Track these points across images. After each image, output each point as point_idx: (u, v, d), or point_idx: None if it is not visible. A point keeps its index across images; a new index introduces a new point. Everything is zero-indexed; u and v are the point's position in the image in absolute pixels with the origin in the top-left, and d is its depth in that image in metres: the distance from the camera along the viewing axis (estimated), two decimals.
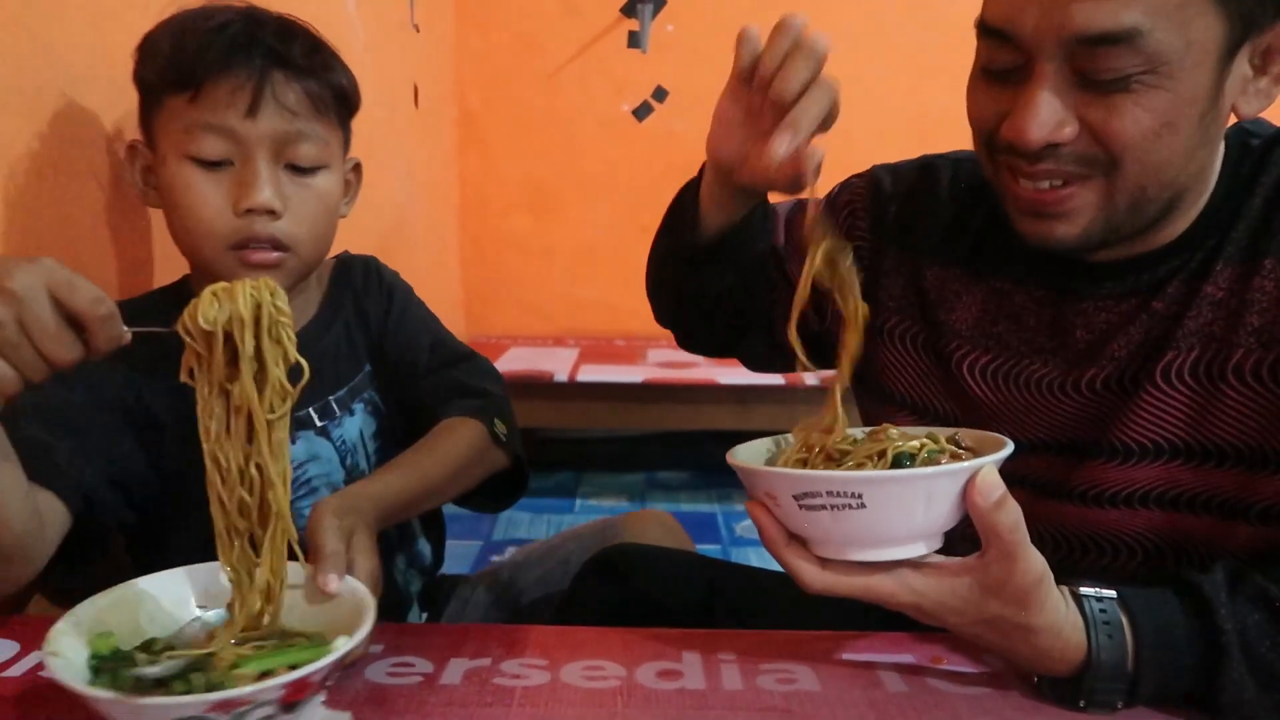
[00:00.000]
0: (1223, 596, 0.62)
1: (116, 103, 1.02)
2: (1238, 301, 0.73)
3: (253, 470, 0.65)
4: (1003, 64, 0.71)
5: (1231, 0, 0.65)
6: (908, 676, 0.69)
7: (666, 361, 2.85)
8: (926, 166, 0.93)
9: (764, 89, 0.69)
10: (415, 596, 1.07)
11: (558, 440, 3.24)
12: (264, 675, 0.59)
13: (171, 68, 0.84)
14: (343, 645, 0.60)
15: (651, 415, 2.74)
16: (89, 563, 0.83)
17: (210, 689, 0.57)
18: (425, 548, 1.09)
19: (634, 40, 3.15)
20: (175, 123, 0.85)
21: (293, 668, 0.57)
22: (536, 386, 2.64)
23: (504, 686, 0.67)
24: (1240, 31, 0.67)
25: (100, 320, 0.61)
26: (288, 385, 0.65)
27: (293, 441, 0.88)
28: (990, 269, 0.85)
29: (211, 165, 0.85)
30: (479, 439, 0.96)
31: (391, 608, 1.03)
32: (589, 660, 0.71)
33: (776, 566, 1.04)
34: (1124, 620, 0.63)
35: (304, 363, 0.66)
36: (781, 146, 0.67)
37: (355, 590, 0.67)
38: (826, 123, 0.69)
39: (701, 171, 0.87)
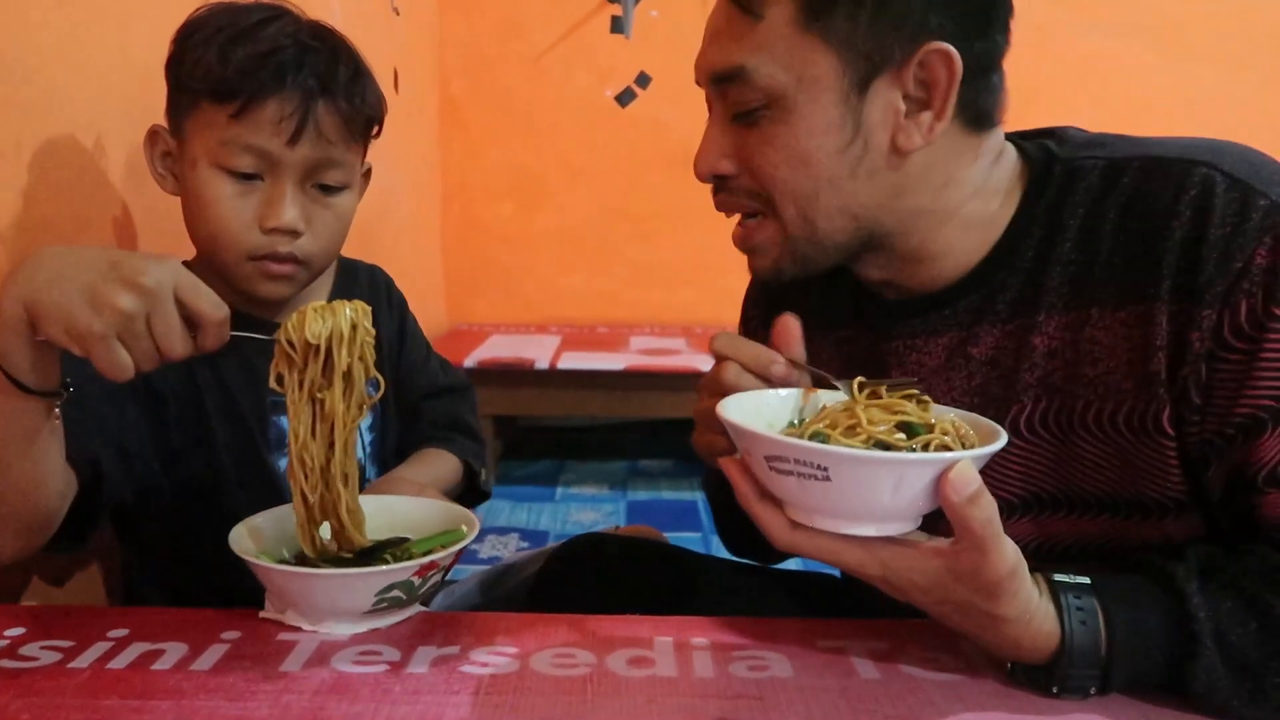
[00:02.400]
0: (1195, 583, 0.62)
1: (83, 84, 1.00)
2: (1072, 352, 0.73)
3: (332, 469, 0.75)
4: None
5: (839, 39, 0.69)
6: (880, 664, 0.69)
7: (649, 349, 2.84)
8: None
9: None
10: None
11: (539, 428, 3.23)
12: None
13: (218, 81, 0.85)
14: (471, 531, 0.78)
15: (633, 403, 2.73)
16: (81, 540, 0.83)
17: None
18: None
19: (617, 26, 3.12)
20: (212, 132, 0.86)
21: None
22: (518, 374, 2.63)
23: (471, 674, 0.66)
24: (864, 67, 0.70)
25: (216, 324, 0.67)
26: (367, 396, 0.76)
27: None
28: (835, 319, 0.87)
29: (243, 178, 0.87)
30: (461, 475, 1.10)
31: None
32: (559, 648, 0.70)
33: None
34: (1097, 607, 0.62)
35: (381, 379, 0.76)
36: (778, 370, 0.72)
37: (437, 505, 0.85)
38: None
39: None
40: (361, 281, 1.10)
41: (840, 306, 0.87)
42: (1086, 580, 0.63)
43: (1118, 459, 0.72)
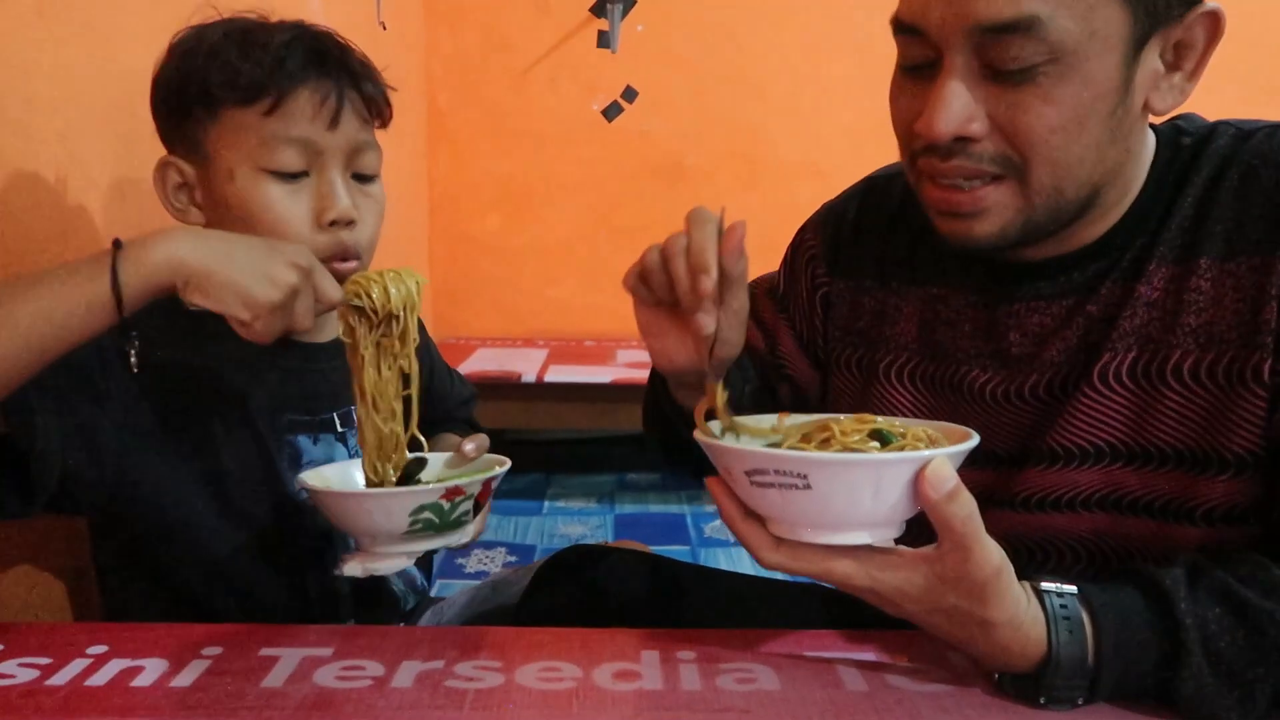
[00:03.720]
0: (1182, 591, 0.62)
1: (65, 96, 1.00)
2: (1174, 302, 0.73)
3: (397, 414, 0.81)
4: (915, 59, 0.72)
5: None
6: (868, 675, 0.68)
7: (635, 362, 2.84)
8: (869, 186, 0.94)
9: (665, 287, 0.73)
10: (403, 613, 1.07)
11: (526, 441, 3.22)
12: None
13: (244, 80, 0.83)
14: (502, 467, 0.82)
15: (621, 416, 2.72)
16: (23, 507, 0.79)
17: None
18: (416, 571, 1.10)
19: (603, 40, 3.13)
20: (247, 136, 0.84)
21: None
22: (505, 387, 2.62)
23: (457, 689, 0.66)
24: (1147, 23, 0.67)
25: (334, 306, 0.76)
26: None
27: (314, 443, 0.95)
28: (925, 277, 0.85)
29: (290, 178, 0.85)
30: None
31: (387, 619, 1.04)
32: (545, 661, 0.70)
33: (743, 569, 1.03)
34: (1085, 616, 0.62)
35: (414, 332, 0.81)
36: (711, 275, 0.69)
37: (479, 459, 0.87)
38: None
39: (655, 381, 0.88)
40: None
41: (932, 264, 0.85)
42: (1074, 589, 0.63)
43: (1203, 412, 0.72)
